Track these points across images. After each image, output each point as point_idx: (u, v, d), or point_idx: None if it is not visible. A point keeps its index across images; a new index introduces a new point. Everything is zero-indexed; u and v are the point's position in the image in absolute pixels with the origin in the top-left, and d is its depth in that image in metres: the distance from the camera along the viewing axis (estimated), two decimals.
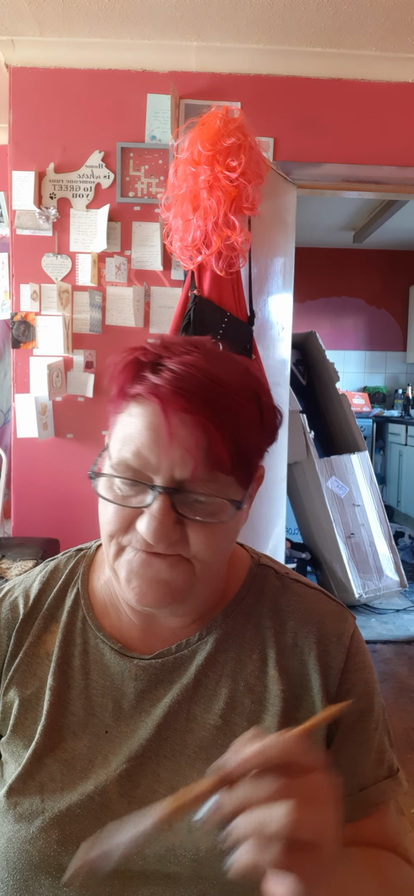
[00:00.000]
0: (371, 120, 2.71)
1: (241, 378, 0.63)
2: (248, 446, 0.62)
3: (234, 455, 0.60)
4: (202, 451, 0.59)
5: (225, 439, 0.59)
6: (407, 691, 2.84)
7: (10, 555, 2.31)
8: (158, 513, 0.59)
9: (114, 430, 0.64)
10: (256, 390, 0.64)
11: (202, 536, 0.61)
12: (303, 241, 4.67)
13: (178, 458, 0.59)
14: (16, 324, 2.68)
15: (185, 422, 0.58)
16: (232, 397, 0.61)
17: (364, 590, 3.66)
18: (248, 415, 0.62)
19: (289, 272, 2.78)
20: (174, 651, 0.69)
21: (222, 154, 2.08)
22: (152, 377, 0.60)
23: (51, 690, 0.69)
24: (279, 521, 2.81)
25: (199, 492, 0.60)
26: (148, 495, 0.60)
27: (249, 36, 2.56)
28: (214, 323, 2.27)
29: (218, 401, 0.59)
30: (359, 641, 0.71)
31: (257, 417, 0.63)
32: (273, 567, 0.76)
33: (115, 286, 2.70)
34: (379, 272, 6.13)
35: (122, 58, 2.66)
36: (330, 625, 0.70)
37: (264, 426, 0.65)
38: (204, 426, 0.58)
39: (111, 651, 0.70)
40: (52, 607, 0.74)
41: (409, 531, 5.10)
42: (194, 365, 0.60)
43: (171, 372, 0.59)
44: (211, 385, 0.59)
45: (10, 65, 2.68)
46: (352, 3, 2.32)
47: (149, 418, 0.60)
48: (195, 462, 0.58)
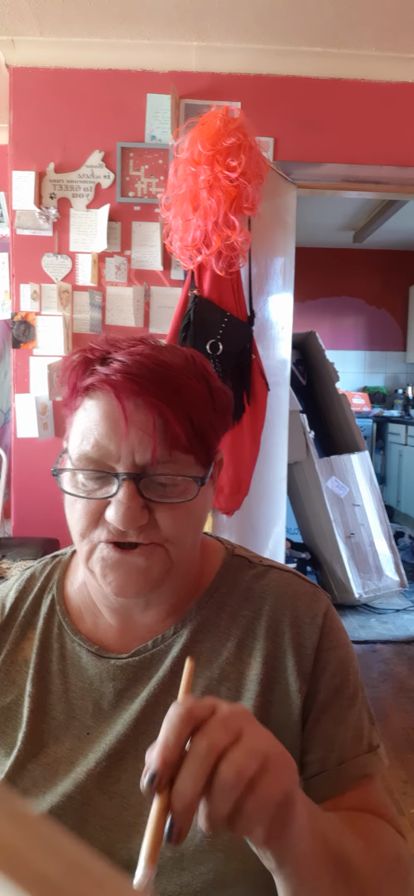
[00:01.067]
0: (371, 120, 2.71)
1: (186, 361, 0.66)
2: (202, 423, 0.64)
3: (190, 432, 0.62)
4: (159, 432, 0.60)
5: (179, 417, 0.61)
6: (407, 691, 2.84)
7: (10, 555, 2.31)
8: (125, 497, 0.60)
9: (71, 429, 0.66)
10: (203, 372, 0.67)
11: (170, 518, 0.62)
12: (303, 241, 4.67)
13: (137, 442, 0.60)
14: (16, 324, 2.68)
15: (139, 405, 0.60)
16: (180, 377, 0.63)
17: (364, 590, 3.66)
18: (197, 393, 0.64)
19: (289, 272, 2.78)
20: (151, 647, 0.70)
21: (222, 154, 2.08)
22: (102, 369, 0.62)
23: (30, 697, 0.69)
24: (279, 521, 2.81)
25: (161, 473, 0.61)
26: (113, 484, 0.61)
27: (248, 36, 2.56)
28: (214, 323, 2.27)
29: (168, 382, 0.62)
30: (332, 620, 0.72)
31: (207, 396, 0.66)
32: (247, 557, 0.77)
33: (115, 286, 2.70)
34: (379, 272, 6.13)
35: (122, 58, 2.66)
36: (303, 606, 0.71)
37: (216, 406, 0.67)
38: (157, 407, 0.60)
39: (88, 653, 0.70)
40: (28, 614, 0.74)
41: (409, 531, 5.10)
42: (141, 353, 0.63)
43: (120, 362, 0.62)
44: (159, 368, 0.62)
45: (11, 65, 2.68)
46: (352, 3, 2.32)
47: (103, 408, 0.61)
48: (154, 443, 0.60)
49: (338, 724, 0.67)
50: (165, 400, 0.61)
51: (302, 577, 0.75)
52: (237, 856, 0.61)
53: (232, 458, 2.30)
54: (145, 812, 0.64)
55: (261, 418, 2.38)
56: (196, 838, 0.62)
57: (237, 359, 2.30)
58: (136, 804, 0.64)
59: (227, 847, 0.61)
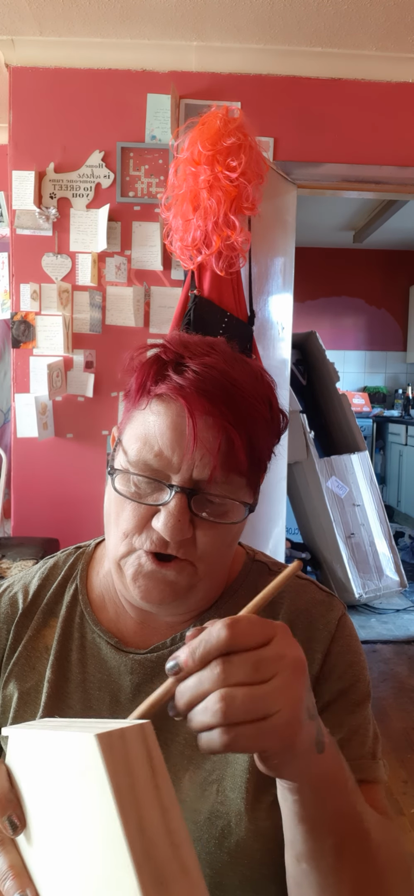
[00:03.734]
0: (371, 120, 2.71)
1: (255, 382, 0.65)
2: (261, 449, 0.64)
3: (249, 458, 0.62)
4: (222, 454, 0.60)
5: (244, 442, 0.61)
6: (407, 691, 2.84)
7: (10, 555, 2.31)
8: (176, 510, 0.60)
9: (130, 425, 0.65)
10: (268, 394, 0.66)
11: (210, 536, 0.62)
12: (303, 241, 4.67)
13: (199, 458, 0.60)
14: (16, 323, 2.68)
15: (209, 424, 0.60)
16: (249, 400, 0.62)
17: (364, 590, 3.66)
18: (262, 418, 0.64)
19: (289, 272, 2.78)
20: (169, 644, 0.70)
21: (222, 154, 2.08)
22: (176, 377, 0.61)
23: (49, 683, 0.70)
24: (279, 521, 2.81)
25: (214, 493, 0.62)
26: (165, 493, 0.61)
27: (249, 36, 2.56)
28: (214, 323, 2.27)
29: (238, 403, 0.61)
30: (345, 627, 0.72)
31: (269, 421, 0.65)
32: (266, 563, 0.77)
33: (115, 286, 2.70)
34: (379, 272, 6.13)
35: (122, 58, 2.66)
36: (318, 613, 0.71)
37: (274, 430, 0.67)
38: (225, 429, 0.60)
39: (107, 645, 0.71)
40: (51, 602, 0.75)
41: (409, 531, 5.11)
42: (215, 367, 0.62)
43: (194, 373, 0.61)
44: (231, 388, 0.61)
45: (10, 65, 2.68)
46: (352, 3, 2.32)
47: (172, 418, 0.61)
48: (215, 464, 0.60)
49: (340, 726, 0.66)
50: (234, 423, 0.60)
51: (319, 586, 0.75)
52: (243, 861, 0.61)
53: None
54: None
55: None
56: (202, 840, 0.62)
57: None
58: None
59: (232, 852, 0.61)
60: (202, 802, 0.63)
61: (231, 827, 0.62)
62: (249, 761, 0.64)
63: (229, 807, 0.63)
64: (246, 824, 0.62)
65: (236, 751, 0.45)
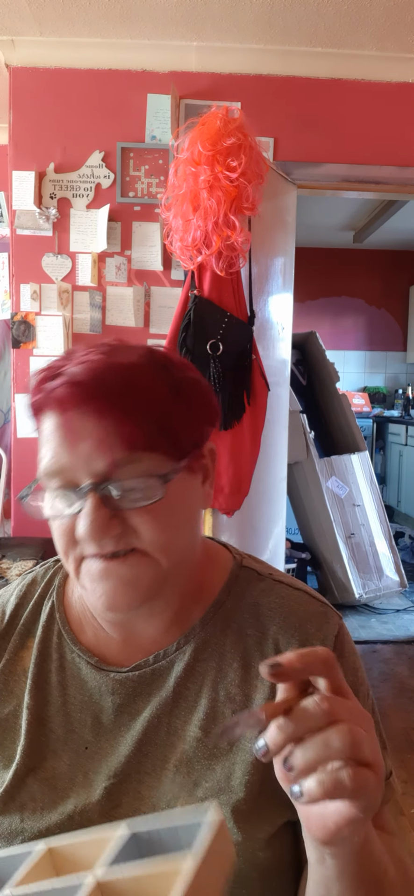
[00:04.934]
0: (371, 120, 2.71)
1: (141, 358, 0.62)
2: (162, 417, 0.60)
3: (149, 430, 0.59)
4: (112, 436, 0.58)
5: (132, 416, 0.58)
6: (407, 691, 2.84)
7: (10, 555, 2.31)
8: (89, 510, 0.58)
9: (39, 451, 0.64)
10: (162, 363, 0.63)
11: (147, 521, 0.60)
12: (303, 241, 4.66)
13: (92, 450, 0.58)
14: (16, 324, 2.68)
15: (87, 414, 0.58)
16: (131, 375, 0.60)
17: (364, 590, 3.66)
18: (153, 388, 0.61)
19: (289, 272, 2.78)
20: (152, 662, 0.67)
21: (222, 154, 2.08)
22: (50, 384, 0.60)
23: (28, 709, 0.67)
24: (279, 521, 2.81)
25: (126, 478, 0.59)
26: (77, 499, 0.59)
27: (249, 36, 2.56)
28: (214, 323, 2.27)
29: (116, 382, 0.59)
30: (344, 643, 0.69)
31: (167, 389, 0.62)
32: (255, 569, 0.73)
33: (116, 286, 2.70)
34: (379, 272, 6.13)
35: (122, 58, 2.66)
36: (313, 628, 0.68)
37: (182, 397, 0.63)
38: (103, 411, 0.58)
39: (87, 665, 0.68)
40: (28, 622, 0.73)
41: (409, 531, 5.11)
42: (90, 360, 0.60)
43: (66, 374, 0.59)
44: (107, 371, 0.59)
45: (10, 65, 2.68)
46: (352, 3, 2.32)
47: (53, 424, 0.60)
48: (107, 449, 0.57)
49: None
50: (113, 401, 0.58)
51: (312, 596, 0.72)
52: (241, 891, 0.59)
53: (232, 458, 2.30)
54: None
55: (261, 418, 2.38)
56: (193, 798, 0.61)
57: (237, 359, 2.30)
58: None
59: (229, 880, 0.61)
60: None
61: None
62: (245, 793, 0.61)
63: None
64: (243, 853, 0.59)
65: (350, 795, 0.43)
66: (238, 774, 0.62)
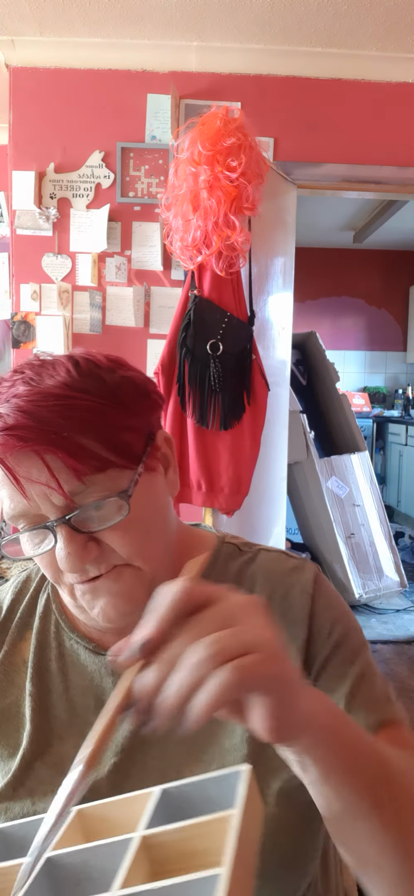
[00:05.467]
0: (371, 120, 2.71)
1: (69, 375, 0.60)
2: (104, 433, 0.59)
3: (94, 454, 0.57)
4: (60, 471, 0.56)
5: (70, 450, 0.56)
6: (407, 691, 2.84)
7: None
8: (64, 544, 0.58)
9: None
10: (90, 373, 0.61)
11: (120, 537, 0.60)
12: (303, 241, 4.66)
13: (44, 489, 0.57)
14: (16, 324, 2.68)
15: (28, 457, 0.56)
16: (62, 405, 0.57)
17: (364, 590, 3.66)
18: (87, 408, 0.58)
19: (289, 272, 2.78)
20: None
21: (222, 154, 2.08)
22: None
23: (31, 696, 0.69)
24: (279, 521, 2.81)
25: (89, 503, 0.58)
26: (49, 534, 0.59)
27: (249, 36, 2.56)
28: (215, 323, 2.27)
29: (48, 417, 0.56)
30: (321, 585, 0.71)
31: (102, 399, 0.60)
32: (237, 544, 0.76)
33: (116, 286, 2.70)
34: (379, 272, 6.13)
35: (122, 58, 2.66)
36: (291, 580, 0.70)
37: (122, 400, 0.62)
38: (43, 452, 0.56)
39: (86, 650, 0.71)
40: (25, 615, 0.75)
41: (409, 531, 5.11)
42: (17, 395, 0.58)
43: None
44: (36, 408, 0.57)
45: (10, 65, 2.68)
46: (352, 3, 2.32)
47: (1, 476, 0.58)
48: (59, 486, 0.56)
49: (341, 679, 0.65)
50: (49, 441, 0.56)
51: (289, 554, 0.74)
52: None
53: (232, 458, 2.30)
54: None
55: (261, 418, 2.38)
56: None
57: (237, 359, 2.30)
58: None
59: None
60: None
61: None
62: (248, 748, 0.63)
63: None
64: None
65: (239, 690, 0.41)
66: (238, 732, 0.64)
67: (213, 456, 2.31)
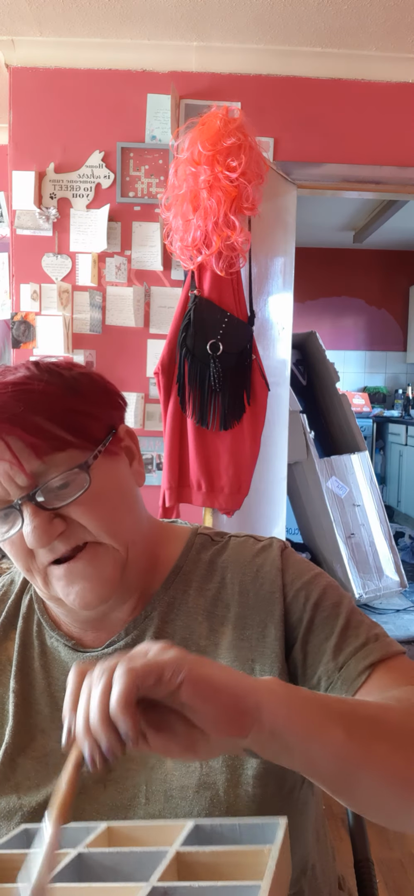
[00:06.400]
0: (371, 120, 2.71)
1: (28, 370, 0.66)
2: (62, 416, 0.63)
3: (50, 435, 0.62)
4: (20, 451, 0.61)
5: (29, 427, 0.61)
6: None
7: None
8: (29, 519, 0.61)
9: None
10: (49, 369, 0.67)
11: (84, 511, 0.63)
12: (303, 241, 4.66)
13: (8, 470, 0.61)
14: (16, 324, 2.68)
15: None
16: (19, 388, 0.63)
17: (364, 590, 3.66)
18: (43, 392, 0.63)
19: (289, 272, 2.78)
20: (124, 636, 0.72)
21: (222, 154, 2.08)
22: None
23: (14, 693, 0.72)
24: (279, 521, 2.81)
25: (51, 478, 0.62)
26: (17, 517, 0.62)
27: (249, 36, 2.56)
28: (214, 323, 2.27)
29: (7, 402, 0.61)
30: (289, 557, 0.74)
31: (60, 387, 0.65)
32: (209, 535, 0.79)
33: (116, 286, 2.70)
34: (379, 272, 6.13)
35: (122, 58, 2.66)
36: (261, 559, 0.73)
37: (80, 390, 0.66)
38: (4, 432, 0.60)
39: (65, 648, 0.73)
40: (9, 615, 0.77)
41: (409, 531, 5.10)
42: None
43: None
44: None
45: (10, 65, 2.68)
46: (352, 3, 2.32)
47: None
48: (20, 465, 0.60)
49: (328, 636, 0.67)
50: (13, 420, 0.61)
51: (257, 538, 0.78)
52: None
53: (232, 458, 2.30)
54: (139, 794, 0.65)
55: (261, 418, 2.38)
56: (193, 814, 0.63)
57: (237, 359, 2.30)
58: (129, 787, 0.66)
59: None
60: (188, 777, 0.64)
61: (220, 796, 0.63)
62: None
63: (215, 777, 0.64)
64: (234, 791, 0.63)
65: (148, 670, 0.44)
66: None
67: (213, 456, 2.31)
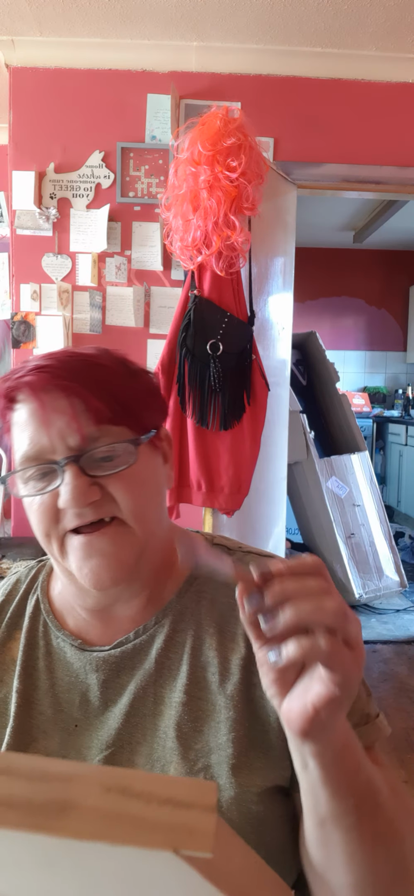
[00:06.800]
0: (371, 120, 2.71)
1: (99, 350, 0.70)
2: (123, 396, 0.67)
3: (112, 404, 0.65)
4: (82, 412, 0.64)
5: (96, 393, 0.64)
6: (407, 691, 2.84)
7: (11, 555, 2.31)
8: (70, 479, 0.63)
9: (13, 447, 0.69)
10: (120, 359, 0.71)
11: (122, 488, 0.65)
12: (303, 241, 4.67)
13: (65, 426, 0.63)
14: (16, 324, 2.68)
15: (56, 393, 0.64)
16: (92, 359, 0.68)
17: (364, 590, 3.66)
18: (112, 370, 0.68)
19: (289, 272, 2.78)
20: (132, 638, 0.71)
21: (222, 154, 2.08)
22: (19, 376, 0.66)
23: (17, 693, 0.71)
24: (279, 521, 2.81)
25: (97, 447, 0.64)
26: (57, 475, 0.64)
27: (249, 36, 2.56)
28: (214, 323, 2.27)
29: (80, 366, 0.66)
30: None
31: (126, 373, 0.70)
32: (226, 545, 0.78)
33: (116, 286, 2.70)
34: (379, 272, 6.13)
35: (122, 58, 2.66)
36: None
37: (138, 383, 0.71)
38: (71, 388, 0.64)
39: (71, 647, 0.73)
40: (14, 616, 0.77)
41: (409, 531, 5.10)
42: (53, 353, 0.68)
43: (35, 365, 0.66)
44: (71, 358, 0.67)
45: (10, 65, 2.68)
46: (352, 3, 2.32)
47: (28, 409, 0.65)
48: (78, 424, 0.63)
49: None
50: (79, 380, 0.64)
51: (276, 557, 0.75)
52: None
53: (232, 458, 2.30)
54: None
55: (261, 418, 2.38)
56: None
57: (237, 359, 2.30)
58: None
59: None
60: None
61: (222, 812, 0.62)
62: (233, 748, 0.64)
63: (220, 794, 0.63)
64: (237, 808, 0.62)
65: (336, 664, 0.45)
66: (223, 732, 0.65)
67: (213, 456, 2.31)
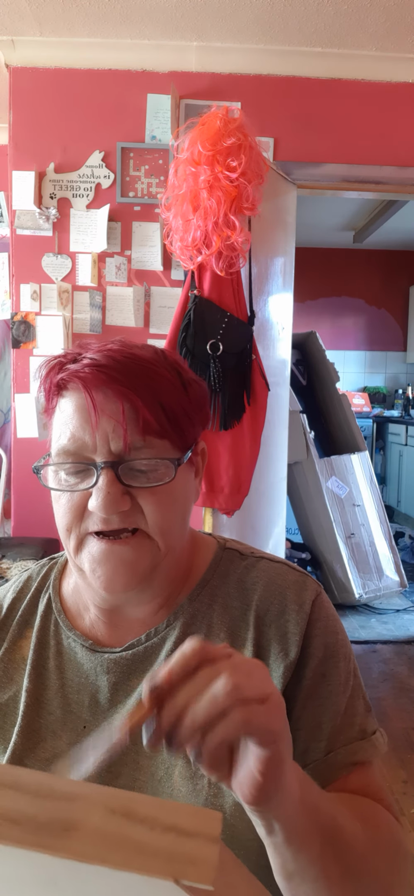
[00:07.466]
0: (371, 120, 2.71)
1: (156, 354, 0.68)
2: (173, 409, 0.65)
3: (161, 417, 0.64)
4: (129, 419, 0.62)
5: (148, 403, 0.63)
6: (407, 691, 2.84)
7: (11, 555, 2.31)
8: (104, 484, 0.62)
9: (51, 431, 0.68)
10: (174, 365, 0.69)
11: (153, 503, 0.64)
12: (303, 241, 4.66)
13: (110, 430, 0.62)
14: (16, 324, 2.68)
15: (108, 395, 0.62)
16: (149, 367, 0.65)
17: (364, 590, 3.66)
18: (167, 380, 0.66)
19: (289, 272, 2.78)
20: (144, 641, 0.70)
21: (222, 154, 2.08)
22: (73, 366, 0.65)
23: (27, 692, 0.71)
24: (279, 521, 2.81)
25: (138, 458, 0.63)
26: (92, 475, 0.63)
27: (249, 36, 2.56)
28: (214, 323, 2.27)
29: (136, 370, 0.64)
30: (321, 607, 0.71)
31: (179, 384, 0.68)
32: (238, 549, 0.77)
33: (116, 286, 2.70)
34: (379, 272, 6.13)
35: (122, 58, 2.66)
36: (291, 595, 0.70)
37: (189, 395, 0.68)
38: (125, 394, 0.62)
39: (82, 648, 0.72)
40: (26, 614, 0.76)
41: (409, 531, 5.10)
42: (111, 349, 0.65)
43: (90, 358, 0.64)
44: (127, 360, 0.64)
45: (10, 65, 2.68)
46: (352, 3, 2.32)
47: (76, 402, 0.64)
48: (125, 430, 0.62)
49: (325, 711, 0.66)
50: (133, 387, 0.62)
51: (292, 567, 0.75)
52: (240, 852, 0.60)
53: (232, 458, 2.30)
54: None
55: (261, 418, 2.38)
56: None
57: (237, 359, 2.30)
58: None
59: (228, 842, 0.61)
60: (195, 796, 0.64)
61: (226, 818, 0.62)
62: None
63: (223, 799, 0.63)
64: (241, 815, 0.61)
65: (250, 730, 0.44)
66: None
67: (213, 456, 2.31)
